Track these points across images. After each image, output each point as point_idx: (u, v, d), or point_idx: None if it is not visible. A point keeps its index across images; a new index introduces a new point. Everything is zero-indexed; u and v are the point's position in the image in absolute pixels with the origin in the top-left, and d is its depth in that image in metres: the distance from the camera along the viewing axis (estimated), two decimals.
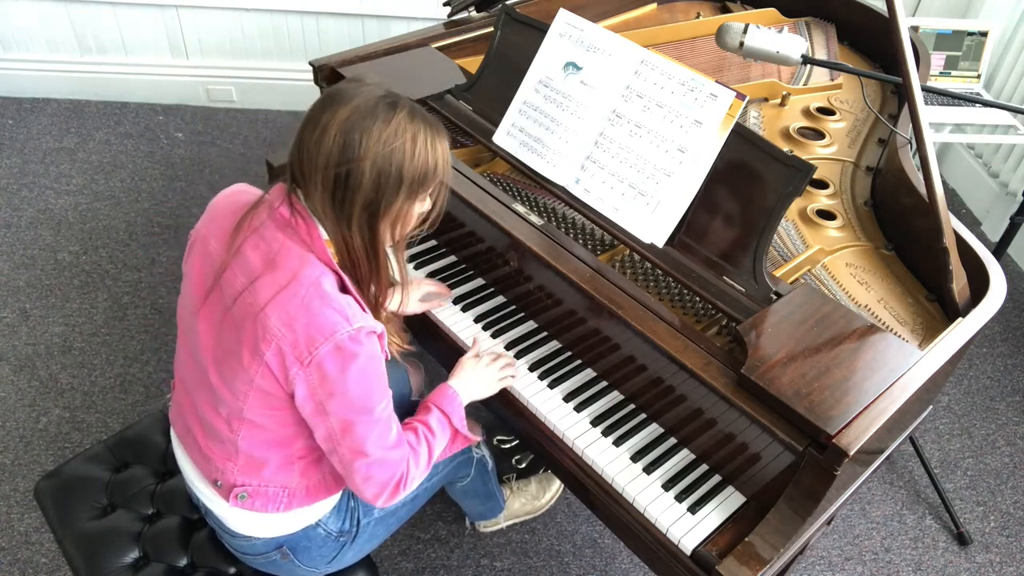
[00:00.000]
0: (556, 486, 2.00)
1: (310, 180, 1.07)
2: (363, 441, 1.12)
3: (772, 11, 2.23)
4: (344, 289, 1.12)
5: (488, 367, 1.39)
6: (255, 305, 1.08)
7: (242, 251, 1.12)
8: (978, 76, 2.48)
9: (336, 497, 1.32)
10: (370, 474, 1.15)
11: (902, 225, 1.58)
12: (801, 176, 1.25)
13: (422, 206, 1.15)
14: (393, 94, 1.09)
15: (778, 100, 1.98)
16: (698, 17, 2.25)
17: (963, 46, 2.46)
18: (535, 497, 1.96)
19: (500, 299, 1.57)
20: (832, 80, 2.10)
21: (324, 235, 1.12)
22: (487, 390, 1.39)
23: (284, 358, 1.07)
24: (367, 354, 1.09)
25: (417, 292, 1.52)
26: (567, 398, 1.40)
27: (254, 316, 1.08)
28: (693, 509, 1.25)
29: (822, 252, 1.53)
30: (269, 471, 1.21)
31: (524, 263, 1.47)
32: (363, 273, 1.14)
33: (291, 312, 1.06)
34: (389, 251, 1.16)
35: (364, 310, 1.13)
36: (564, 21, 1.51)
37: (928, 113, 1.62)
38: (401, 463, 1.18)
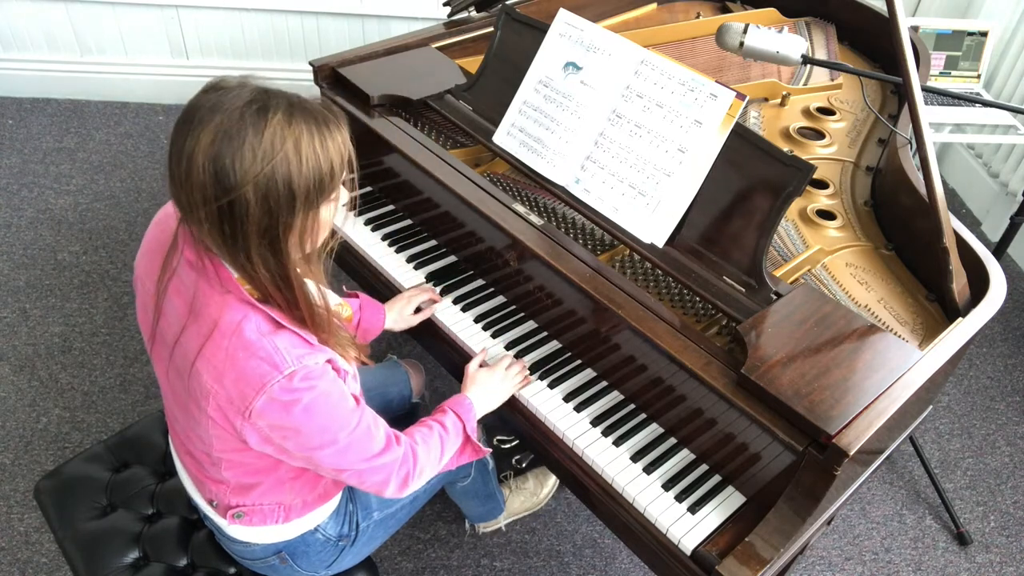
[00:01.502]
0: (553, 479, 2.00)
1: (193, 217, 0.94)
2: (337, 463, 1.08)
3: (772, 11, 2.23)
4: (276, 322, 1.01)
5: (503, 381, 1.38)
6: (187, 359, 1.01)
7: (169, 295, 1.04)
8: (978, 76, 2.48)
9: (335, 502, 1.32)
10: (362, 479, 1.13)
11: (902, 225, 1.58)
12: (801, 176, 1.25)
13: (333, 209, 1.01)
14: (261, 94, 0.92)
15: (778, 100, 1.98)
16: (698, 17, 2.25)
17: (963, 46, 2.46)
18: (533, 493, 1.96)
19: (500, 299, 1.57)
20: (832, 80, 2.10)
21: (234, 272, 1.00)
22: (500, 400, 1.39)
23: (225, 412, 1.01)
24: (308, 394, 1.00)
25: (409, 306, 1.52)
26: (567, 398, 1.40)
27: (188, 371, 1.01)
28: (693, 509, 1.25)
29: (822, 252, 1.53)
30: (261, 492, 1.19)
31: (524, 263, 1.47)
32: (281, 300, 1.01)
33: (218, 367, 0.98)
34: (308, 264, 1.03)
35: (306, 341, 1.02)
36: (564, 21, 1.51)
37: (928, 113, 1.62)
38: (396, 463, 1.15)
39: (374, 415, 1.14)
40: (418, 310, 1.54)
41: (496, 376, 1.38)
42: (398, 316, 1.51)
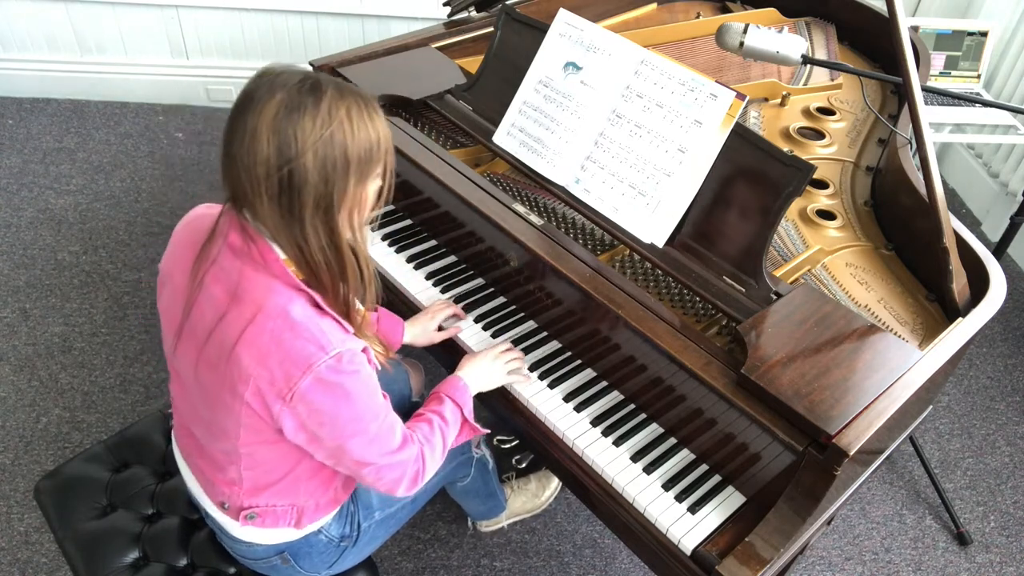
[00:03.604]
0: (556, 483, 2.01)
1: (254, 194, 0.98)
2: (363, 455, 1.11)
3: (772, 11, 2.23)
4: (319, 307, 1.05)
5: (495, 360, 1.39)
6: (226, 344, 1.02)
7: (206, 284, 1.06)
8: (978, 76, 2.48)
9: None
10: (380, 476, 1.15)
11: (902, 225, 1.58)
12: (801, 176, 1.25)
13: (375, 185, 1.06)
14: (311, 75, 0.99)
15: (778, 100, 1.98)
16: (698, 17, 2.25)
17: (963, 46, 2.46)
18: (535, 495, 1.97)
19: (500, 299, 1.57)
20: (832, 80, 2.10)
21: (281, 254, 1.04)
22: (495, 381, 1.39)
23: (264, 397, 1.02)
24: (351, 379, 1.04)
25: (433, 322, 1.50)
26: (567, 398, 1.40)
27: (227, 356, 1.02)
28: (693, 509, 1.25)
29: (822, 252, 1.53)
30: (276, 492, 1.20)
31: (524, 263, 1.47)
32: (327, 280, 1.05)
33: (262, 348, 1.00)
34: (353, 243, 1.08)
35: (344, 327, 1.06)
36: (564, 21, 1.51)
37: (928, 113, 1.62)
38: (409, 461, 1.17)
39: (393, 412, 1.16)
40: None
41: (490, 356, 1.39)
42: (421, 331, 1.49)
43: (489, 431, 1.41)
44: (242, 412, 1.05)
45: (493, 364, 1.39)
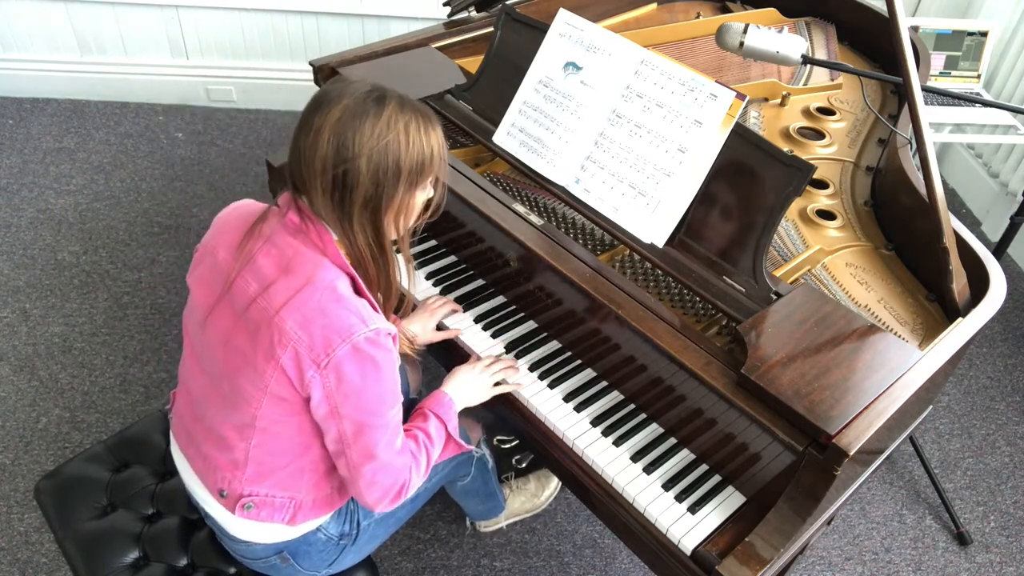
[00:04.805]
0: (555, 483, 2.00)
1: (311, 185, 1.08)
2: (373, 444, 1.13)
3: (772, 11, 2.23)
4: (358, 291, 1.12)
5: (481, 374, 1.39)
6: (269, 309, 1.08)
7: (254, 259, 1.12)
8: (978, 76, 2.48)
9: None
10: (375, 479, 1.15)
11: (902, 225, 1.58)
12: (801, 176, 1.25)
13: (423, 195, 1.15)
14: (380, 87, 1.09)
15: (778, 100, 1.98)
16: (698, 17, 2.25)
17: (963, 46, 2.46)
18: (534, 495, 1.96)
19: (500, 299, 1.57)
20: (832, 80, 2.10)
21: (335, 237, 1.12)
22: (480, 396, 1.39)
23: (300, 361, 1.07)
24: (384, 356, 1.10)
25: (432, 319, 1.51)
26: (567, 398, 1.40)
27: (269, 320, 1.08)
28: (693, 509, 1.25)
29: (822, 252, 1.53)
30: (277, 480, 1.20)
31: (524, 263, 1.47)
32: (372, 272, 1.15)
33: (307, 315, 1.06)
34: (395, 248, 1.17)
35: (377, 312, 1.13)
36: (564, 21, 1.51)
37: (928, 113, 1.62)
38: (404, 470, 1.19)
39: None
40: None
41: (476, 371, 1.40)
42: (421, 329, 1.50)
43: (473, 447, 1.42)
44: (272, 377, 1.09)
45: (479, 378, 1.39)
